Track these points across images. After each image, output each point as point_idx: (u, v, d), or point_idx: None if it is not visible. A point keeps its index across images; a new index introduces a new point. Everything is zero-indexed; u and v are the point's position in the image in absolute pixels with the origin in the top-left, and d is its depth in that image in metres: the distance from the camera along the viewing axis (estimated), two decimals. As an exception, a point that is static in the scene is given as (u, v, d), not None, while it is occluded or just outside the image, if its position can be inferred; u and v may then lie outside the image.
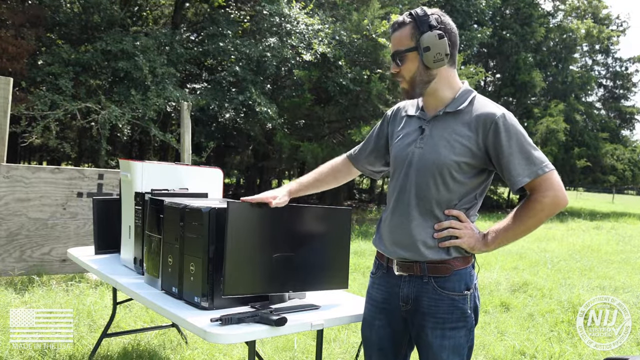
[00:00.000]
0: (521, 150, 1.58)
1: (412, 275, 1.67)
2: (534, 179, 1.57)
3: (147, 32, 12.36)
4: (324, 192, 15.15)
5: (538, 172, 1.57)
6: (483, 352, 3.60)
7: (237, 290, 1.75)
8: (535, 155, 1.58)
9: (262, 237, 1.80)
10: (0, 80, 4.46)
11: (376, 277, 1.79)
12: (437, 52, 1.60)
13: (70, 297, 4.21)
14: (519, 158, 1.57)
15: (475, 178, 1.65)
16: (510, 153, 1.57)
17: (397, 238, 1.67)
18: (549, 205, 1.58)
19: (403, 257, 1.66)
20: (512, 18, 20.64)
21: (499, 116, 1.58)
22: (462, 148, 1.60)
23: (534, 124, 19.52)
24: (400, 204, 1.68)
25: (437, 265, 1.63)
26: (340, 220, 2.01)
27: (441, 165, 1.60)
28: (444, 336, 1.63)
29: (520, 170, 1.57)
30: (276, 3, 11.31)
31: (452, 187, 1.62)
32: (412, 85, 1.66)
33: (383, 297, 1.75)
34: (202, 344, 3.35)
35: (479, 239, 1.64)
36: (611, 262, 7.92)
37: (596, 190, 45.58)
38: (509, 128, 1.58)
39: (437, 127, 1.66)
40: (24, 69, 9.95)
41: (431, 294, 1.64)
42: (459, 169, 1.60)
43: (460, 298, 1.63)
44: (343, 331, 3.76)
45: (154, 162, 2.46)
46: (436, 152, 1.62)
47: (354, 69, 11.66)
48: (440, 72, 1.65)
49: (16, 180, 4.54)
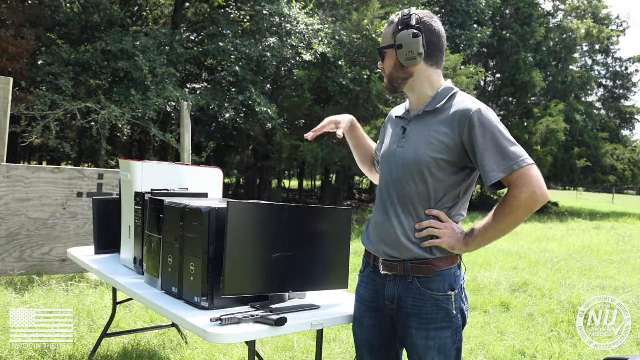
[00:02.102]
0: (496, 145, 1.54)
1: (397, 275, 1.68)
2: (509, 174, 1.52)
3: (147, 32, 12.36)
4: (323, 192, 15.14)
5: (513, 167, 1.52)
6: (483, 352, 3.60)
7: (237, 290, 1.75)
8: (512, 150, 1.53)
9: (262, 237, 1.80)
10: (0, 80, 4.46)
11: (364, 275, 1.81)
12: (409, 50, 1.63)
13: (70, 297, 4.21)
14: (493, 153, 1.54)
15: (455, 175, 1.63)
16: (484, 148, 1.54)
17: (381, 235, 1.69)
18: (526, 202, 1.51)
19: (388, 256, 1.68)
20: (512, 18, 20.63)
21: (474, 111, 1.57)
22: (440, 145, 1.60)
23: (534, 124, 19.52)
24: (383, 202, 1.72)
25: (421, 266, 1.63)
26: (340, 220, 2.01)
27: (419, 162, 1.62)
28: (429, 337, 1.63)
29: (495, 166, 1.53)
30: (276, 3, 11.31)
31: (430, 184, 1.62)
32: (389, 81, 1.73)
33: (371, 295, 1.76)
34: (202, 344, 3.35)
35: (459, 239, 1.61)
36: (611, 262, 7.92)
37: (596, 190, 45.57)
38: (483, 122, 1.55)
39: (417, 126, 1.69)
40: (24, 69, 9.95)
41: (415, 294, 1.64)
42: (437, 166, 1.61)
43: (445, 298, 1.62)
44: (343, 331, 3.76)
45: (154, 162, 2.46)
46: (415, 150, 1.64)
47: (354, 69, 11.66)
48: (418, 71, 1.69)
49: (16, 180, 4.54)
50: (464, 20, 17.35)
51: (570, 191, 48.28)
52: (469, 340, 3.77)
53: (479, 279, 5.82)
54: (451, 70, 12.62)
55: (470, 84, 12.81)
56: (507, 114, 21.72)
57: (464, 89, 12.17)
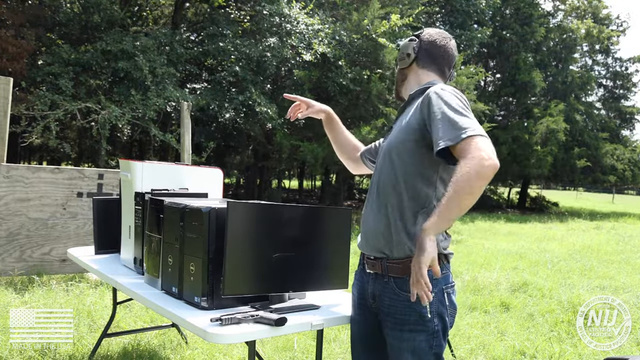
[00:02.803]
0: (445, 117, 1.50)
1: (377, 274, 1.69)
2: (456, 143, 1.45)
3: (147, 32, 12.36)
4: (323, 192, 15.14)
5: (461, 136, 1.45)
6: (483, 352, 3.60)
7: (237, 290, 1.75)
8: (462, 122, 1.48)
9: (262, 237, 1.80)
10: (0, 80, 4.46)
11: (356, 273, 1.85)
12: (402, 52, 1.81)
13: (70, 297, 4.21)
14: (442, 122, 1.50)
15: (421, 157, 1.59)
16: (433, 119, 1.53)
17: (364, 231, 1.74)
18: (475, 165, 1.39)
19: (370, 252, 1.70)
20: (512, 18, 20.63)
21: (433, 90, 1.60)
22: (407, 128, 1.65)
23: (534, 124, 19.52)
24: (368, 196, 1.78)
25: (396, 265, 1.62)
26: (340, 220, 2.01)
27: (391, 148, 1.68)
28: (402, 338, 1.60)
29: (442, 134, 1.48)
30: (276, 3, 11.31)
31: (398, 167, 1.63)
32: (394, 85, 1.91)
33: (358, 292, 1.80)
34: (202, 344, 3.35)
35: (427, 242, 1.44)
36: (611, 262, 7.92)
37: (596, 190, 45.57)
38: (439, 97, 1.55)
39: (398, 118, 1.80)
40: (24, 69, 9.95)
41: (391, 294, 1.64)
42: (404, 148, 1.63)
43: (417, 300, 1.50)
44: (343, 331, 3.76)
45: (154, 162, 2.46)
46: (389, 139, 1.73)
47: (354, 69, 11.66)
48: (410, 72, 1.82)
49: (16, 180, 4.54)
50: (464, 20, 17.35)
51: (570, 191, 48.28)
52: (469, 340, 3.77)
53: (479, 279, 5.82)
54: (451, 70, 12.60)
55: (470, 84, 12.80)
56: (507, 114, 21.73)
57: (464, 89, 12.18)
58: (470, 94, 12.86)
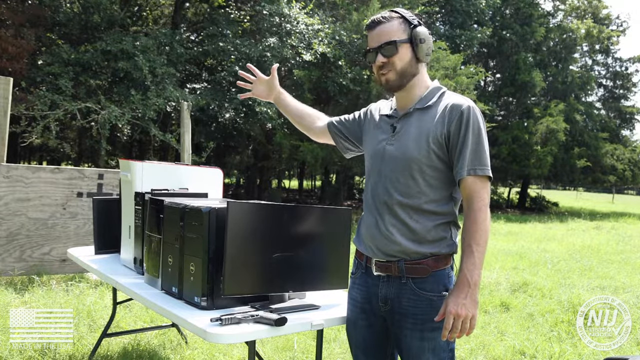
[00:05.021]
0: (478, 146, 1.60)
1: (391, 276, 1.67)
2: (472, 175, 1.58)
3: (147, 32, 12.37)
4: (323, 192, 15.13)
5: (485, 172, 1.59)
6: (483, 352, 3.60)
7: (237, 290, 1.75)
8: (486, 156, 1.61)
9: (262, 237, 1.80)
10: (0, 80, 4.46)
11: (356, 277, 1.81)
12: (428, 46, 1.67)
13: (70, 297, 4.21)
14: (471, 151, 1.59)
15: (445, 172, 1.65)
16: (465, 144, 1.59)
17: (375, 236, 1.68)
18: (487, 213, 1.59)
19: (382, 256, 1.67)
20: (512, 18, 20.63)
21: (466, 106, 1.61)
22: (431, 140, 1.62)
23: (534, 124, 19.52)
24: (374, 201, 1.70)
25: (415, 266, 1.63)
26: (340, 220, 2.01)
27: (410, 160, 1.62)
28: (423, 337, 1.63)
29: (470, 162, 1.58)
30: (276, 3, 11.31)
31: (420, 181, 1.63)
32: (400, 76, 1.68)
33: (363, 297, 1.76)
34: (202, 344, 3.34)
35: (470, 294, 1.53)
36: (611, 262, 7.92)
37: (596, 190, 45.54)
38: (473, 120, 1.60)
39: (407, 123, 1.69)
40: (24, 69, 9.95)
41: (410, 295, 1.64)
42: (429, 162, 1.62)
43: (439, 299, 1.62)
44: (343, 331, 3.76)
45: (154, 162, 2.46)
46: (406, 147, 1.64)
47: (354, 69, 11.66)
48: (421, 69, 1.71)
49: (16, 180, 4.54)
50: (464, 20, 17.35)
51: (570, 191, 48.27)
52: (468, 340, 3.77)
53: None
54: (451, 70, 12.62)
55: (470, 84, 12.81)
56: (507, 114, 21.73)
57: (464, 89, 12.19)
58: (471, 94, 12.86)
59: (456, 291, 1.53)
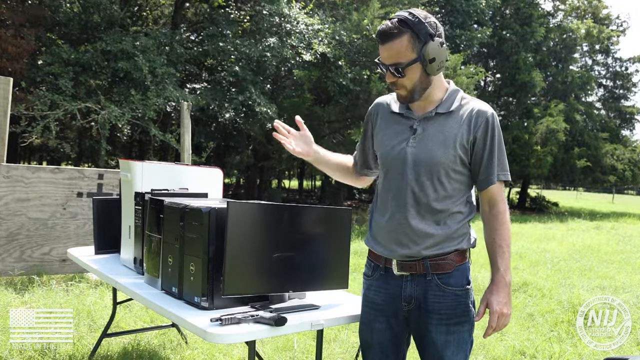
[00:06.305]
0: (500, 152, 1.69)
1: (415, 274, 1.68)
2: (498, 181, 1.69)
3: (147, 32, 12.36)
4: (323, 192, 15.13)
5: (500, 177, 1.69)
6: (483, 352, 3.60)
7: (237, 290, 1.75)
8: (506, 162, 1.72)
9: (262, 237, 1.80)
10: (0, 80, 4.46)
11: (373, 279, 1.78)
12: (440, 60, 1.61)
13: (70, 297, 4.21)
14: (497, 157, 1.68)
15: (467, 175, 1.71)
16: (492, 150, 1.67)
17: (398, 238, 1.67)
18: (507, 214, 1.72)
19: (405, 256, 1.66)
20: (512, 18, 20.63)
21: (490, 114, 1.68)
22: (456, 146, 1.64)
23: (534, 124, 19.52)
24: (397, 203, 1.68)
25: (439, 262, 1.66)
26: (340, 220, 2.01)
27: (436, 163, 1.64)
28: (449, 332, 1.66)
29: (494, 169, 1.68)
30: (276, 3, 11.30)
31: (447, 185, 1.66)
32: (411, 93, 1.66)
33: (383, 299, 1.74)
34: (202, 344, 3.34)
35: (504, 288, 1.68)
36: (611, 262, 7.92)
37: (596, 190, 45.57)
38: (495, 127, 1.68)
39: (429, 126, 1.68)
40: (24, 69, 9.94)
41: (435, 291, 1.67)
42: (454, 167, 1.66)
43: (463, 293, 1.69)
44: (343, 331, 3.76)
45: (154, 162, 2.46)
46: (431, 150, 1.65)
47: (354, 69, 11.66)
48: (434, 80, 1.68)
49: (16, 180, 4.54)
50: (464, 20, 17.34)
51: (570, 191, 48.28)
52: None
53: (479, 279, 5.81)
54: (451, 70, 12.62)
55: (470, 84, 12.81)
56: (507, 114, 21.73)
57: (464, 89, 12.18)
58: (471, 94, 12.86)
59: (496, 291, 1.65)
